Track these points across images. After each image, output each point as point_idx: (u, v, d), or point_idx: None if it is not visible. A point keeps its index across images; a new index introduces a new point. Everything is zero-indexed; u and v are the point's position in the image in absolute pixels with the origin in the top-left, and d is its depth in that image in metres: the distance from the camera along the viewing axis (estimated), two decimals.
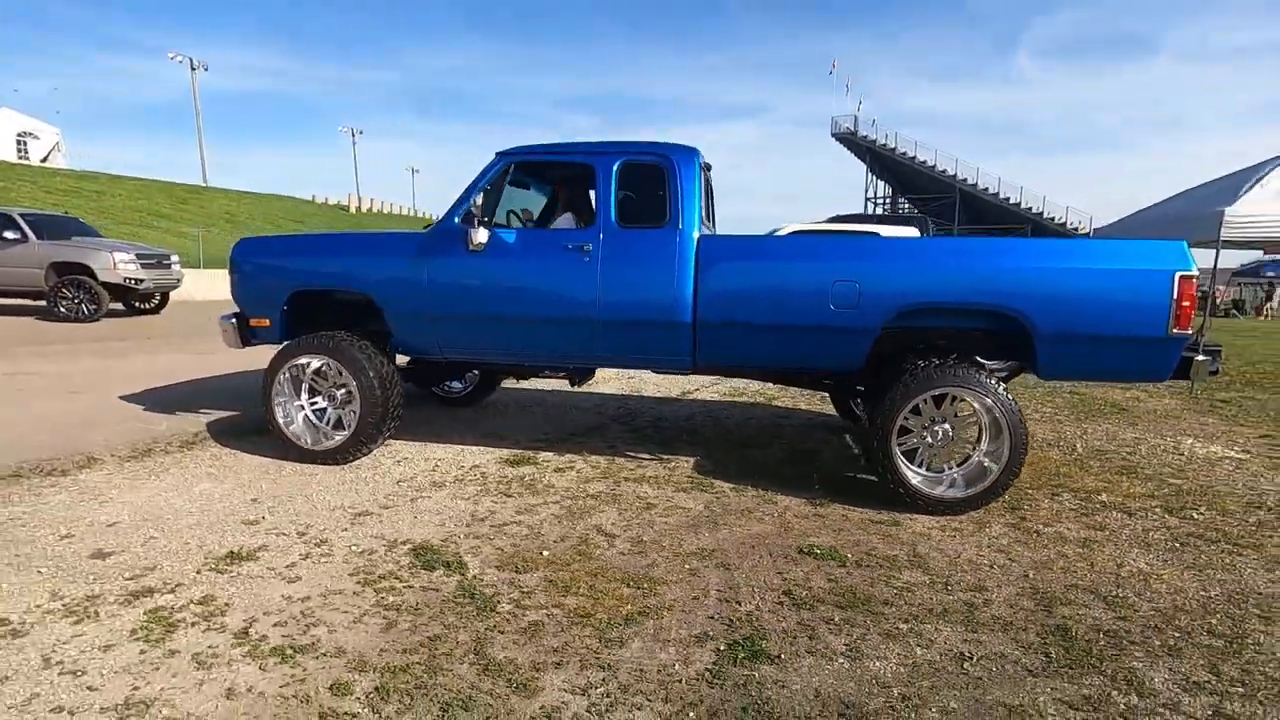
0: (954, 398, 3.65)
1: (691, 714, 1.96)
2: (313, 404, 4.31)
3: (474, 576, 2.78)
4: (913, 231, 9.13)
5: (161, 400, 5.60)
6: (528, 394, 6.62)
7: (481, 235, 3.93)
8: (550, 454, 4.58)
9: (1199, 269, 3.48)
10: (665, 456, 4.60)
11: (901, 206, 54.75)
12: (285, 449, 4.22)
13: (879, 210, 54.58)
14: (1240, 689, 2.14)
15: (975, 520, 3.53)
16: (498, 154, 4.15)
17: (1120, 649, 2.35)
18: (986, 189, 45.58)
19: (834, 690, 2.09)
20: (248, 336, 4.41)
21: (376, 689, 2.03)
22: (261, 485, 3.79)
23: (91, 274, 11.16)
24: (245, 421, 5.07)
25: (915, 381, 3.55)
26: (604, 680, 2.11)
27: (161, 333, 10.39)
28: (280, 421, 4.19)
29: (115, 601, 2.48)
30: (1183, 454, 4.98)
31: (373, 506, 3.53)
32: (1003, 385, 3.56)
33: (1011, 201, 44.72)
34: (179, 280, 12.98)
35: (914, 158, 47.73)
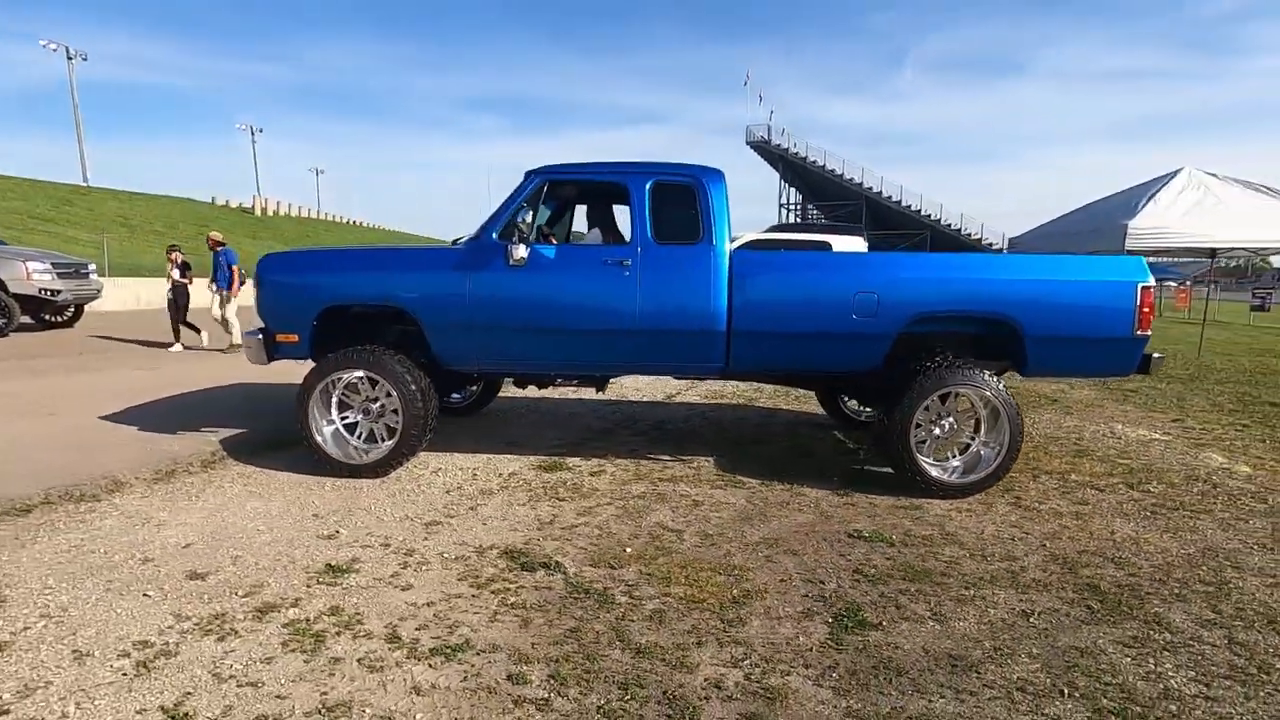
0: (955, 394, 4.13)
1: (834, 674, 2.26)
2: (343, 419, 4.33)
3: (575, 574, 2.98)
4: (859, 242, 9.84)
5: (152, 419, 5.37)
6: (521, 402, 6.74)
7: (522, 251, 4.09)
8: (577, 459, 4.77)
9: None
10: (684, 457, 4.89)
11: (811, 213, 57.29)
12: (322, 464, 4.21)
13: (793, 217, 56.92)
14: (1239, 622, 2.66)
15: (982, 502, 4.02)
16: (531, 172, 4.33)
17: (1140, 599, 2.84)
18: (890, 196, 48.40)
19: (938, 647, 2.44)
20: (273, 352, 4.36)
21: (551, 676, 2.22)
22: (313, 501, 3.80)
23: (2, 286, 10.27)
24: (256, 438, 4.98)
25: (929, 381, 4.01)
26: (745, 654, 2.38)
27: (95, 349, 9.70)
28: (318, 437, 4.18)
29: (246, 618, 2.52)
30: (1119, 437, 5.74)
31: (438, 516, 3.64)
32: (1001, 382, 4.07)
33: (913, 209, 47.69)
34: (98, 291, 12.10)
35: (823, 166, 50.04)
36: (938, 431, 4.16)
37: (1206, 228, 8.58)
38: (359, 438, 4.33)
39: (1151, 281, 4.02)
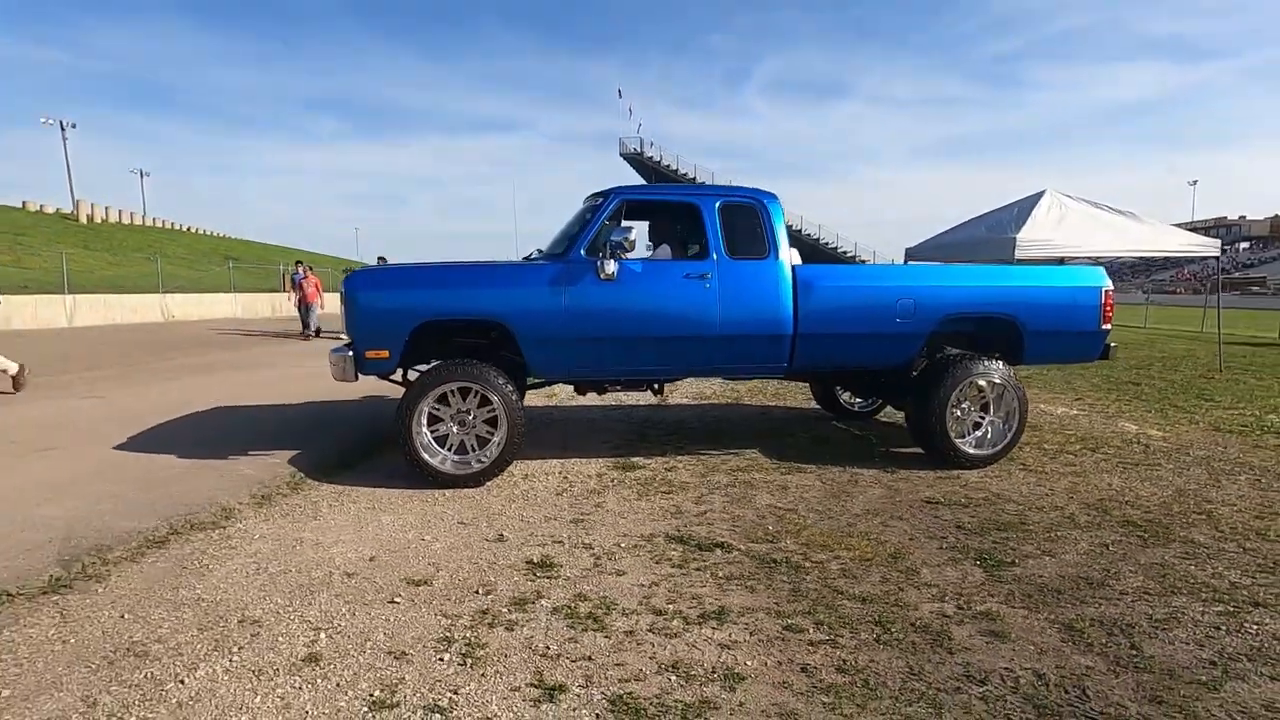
0: (972, 382, 4.98)
1: (1017, 598, 2.89)
2: (433, 430, 4.42)
3: (748, 550, 3.41)
4: (794, 253, 10.83)
5: (184, 443, 5.06)
6: (533, 413, 6.92)
7: (612, 266, 4.44)
8: (640, 458, 5.14)
9: None
10: (731, 451, 5.40)
11: None
12: (425, 476, 4.29)
13: None
14: (1238, 535, 3.61)
15: (1001, 470, 4.88)
16: (611, 192, 4.68)
17: (1167, 528, 3.73)
18: None
19: (1068, 574, 3.14)
20: (360, 369, 4.37)
21: (817, 624, 2.66)
22: (444, 512, 3.92)
23: None
24: (318, 457, 4.90)
25: (959, 371, 4.81)
26: (941, 593, 2.95)
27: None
28: (423, 451, 4.27)
29: (509, 610, 2.74)
30: (1053, 414, 6.96)
31: (573, 515, 3.90)
32: (1010, 369, 4.96)
33: None
34: None
35: (694, 179, 52.37)
36: (958, 413, 4.99)
37: (1077, 239, 10.36)
38: (449, 449, 4.44)
39: (1110, 285, 5.09)
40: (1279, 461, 5.09)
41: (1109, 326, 5.12)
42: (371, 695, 2.16)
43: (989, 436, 5.00)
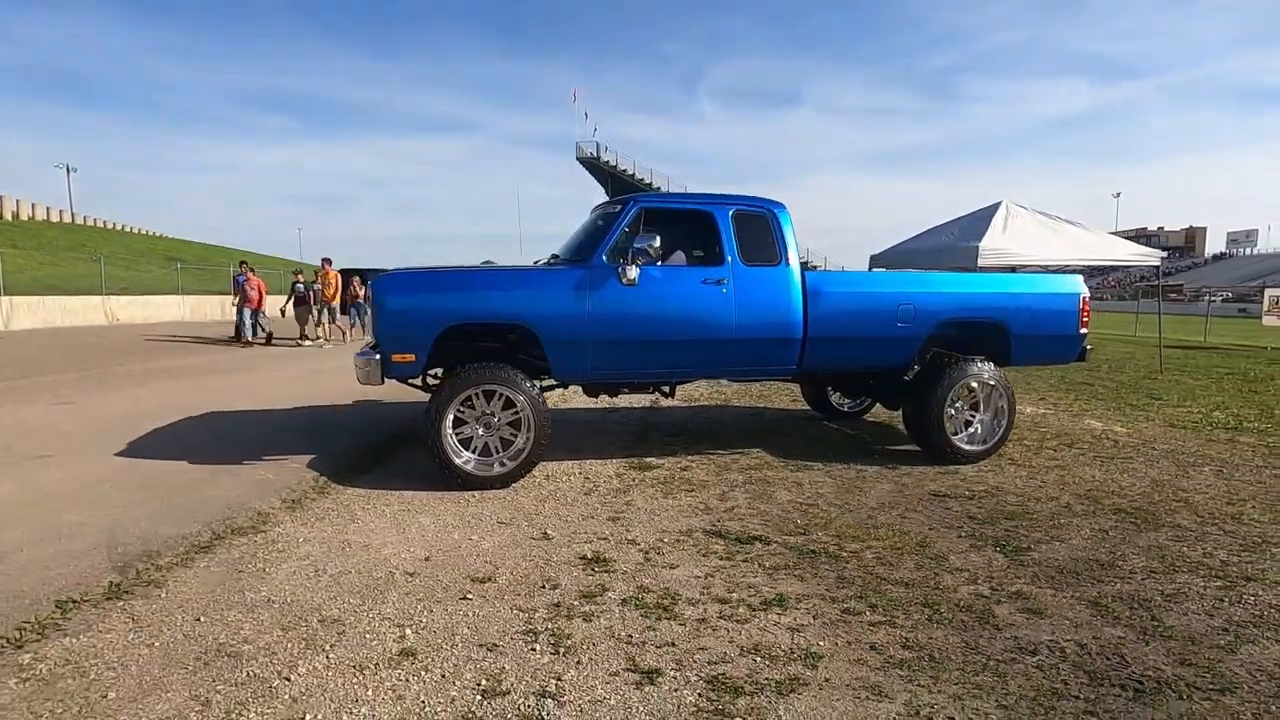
0: (966, 383, 5.30)
1: (1041, 580, 3.15)
2: (458, 433, 4.47)
3: (784, 542, 3.59)
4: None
5: (188, 449, 4.95)
6: None
7: (633, 272, 4.58)
8: (653, 458, 5.29)
9: None
10: (737, 450, 5.59)
11: None
12: (451, 478, 4.34)
13: None
14: (1218, 519, 3.98)
15: (994, 465, 5.21)
16: (630, 200, 4.82)
17: (1154, 514, 4.09)
18: None
19: (1080, 556, 3.43)
20: (387, 372, 4.39)
21: (871, 606, 2.86)
22: (481, 512, 3.99)
23: None
24: (333, 461, 4.88)
25: (956, 373, 5.12)
26: (973, 577, 3.19)
27: None
28: (452, 454, 4.31)
29: (581, 603, 2.85)
30: (1024, 413, 7.40)
31: (608, 513, 4.02)
32: (1000, 371, 5.30)
33: None
34: None
35: (650, 183, 52.79)
36: (952, 412, 5.30)
37: (1033, 248, 10.98)
38: (473, 451, 4.50)
39: (1086, 292, 5.50)
40: (1234, 454, 5.58)
41: (1086, 330, 5.52)
42: (479, 684, 2.25)
43: (979, 433, 5.32)
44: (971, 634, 2.65)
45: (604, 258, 4.64)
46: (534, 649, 2.48)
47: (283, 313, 15.26)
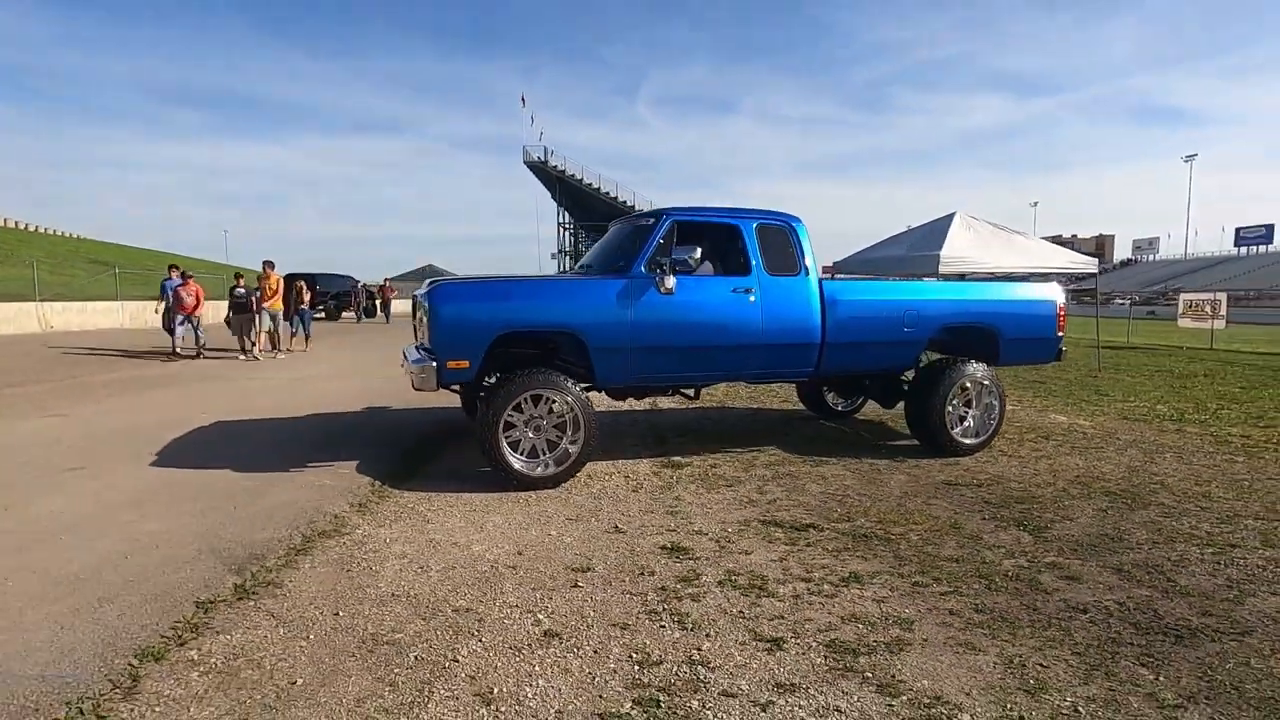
0: (963, 383, 5.81)
1: (1070, 553, 3.60)
2: (506, 437, 4.67)
3: (834, 528, 3.95)
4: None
5: (225, 458, 4.97)
6: None
7: (671, 281, 4.88)
8: (679, 457, 5.59)
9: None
10: (752, 448, 5.95)
11: (583, 231, 60.21)
12: (506, 479, 4.54)
13: (569, 237, 59.34)
14: (1193, 497, 4.56)
15: (988, 457, 5.73)
16: (663, 213, 5.12)
17: (1140, 494, 4.64)
18: None
19: (1092, 532, 3.92)
20: (442, 378, 4.54)
21: (935, 579, 3.24)
22: (545, 510, 4.21)
23: None
24: (378, 466, 4.98)
25: (955, 374, 5.62)
26: (1010, 552, 3.61)
27: None
28: (509, 456, 4.51)
29: (680, 588, 3.12)
30: None
31: (663, 508, 4.30)
32: (993, 371, 5.83)
33: None
34: None
35: (597, 188, 53.06)
36: (949, 409, 5.80)
37: (987, 256, 11.79)
38: (521, 453, 4.70)
39: (1063, 300, 6.11)
40: (1186, 442, 6.28)
41: (1062, 333, 6.13)
42: (630, 657, 2.51)
43: (972, 427, 5.84)
44: (1027, 598, 3.05)
45: (642, 268, 4.92)
46: (662, 626, 2.75)
47: (227, 323, 13.29)
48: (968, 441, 5.72)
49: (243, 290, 13.11)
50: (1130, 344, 18.25)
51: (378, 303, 30.02)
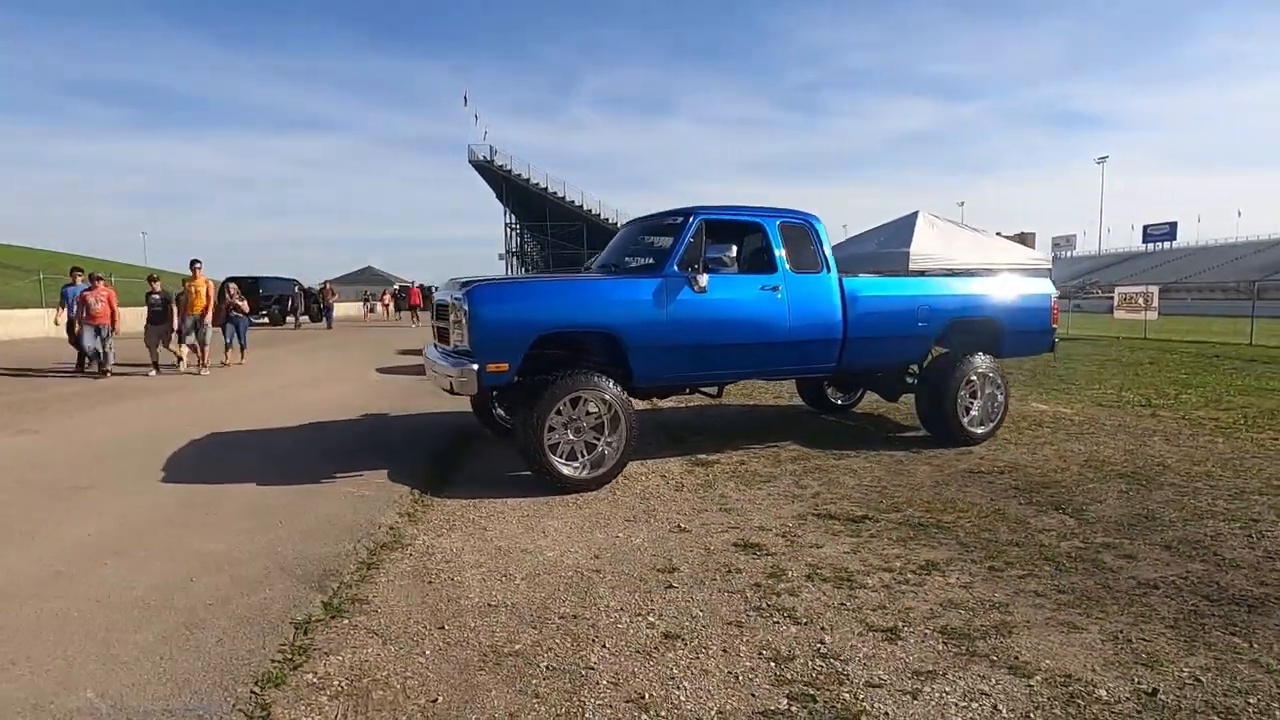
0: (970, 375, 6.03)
1: (1117, 531, 3.79)
2: (547, 439, 4.59)
3: (887, 518, 4.05)
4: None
5: (241, 473, 4.71)
6: None
7: (704, 280, 4.91)
8: (704, 455, 5.62)
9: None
10: (770, 444, 6.03)
11: (527, 232, 59.60)
12: (550, 483, 4.46)
13: (516, 239, 58.61)
14: (1198, 478, 4.86)
15: (996, 445, 5.97)
16: (692, 212, 5.13)
17: (1151, 475, 4.92)
18: (608, 219, 52.87)
19: (1123, 512, 4.13)
20: (482, 381, 4.43)
21: (1008, 564, 3.36)
22: (599, 512, 4.16)
23: None
24: (409, 474, 4.82)
25: (965, 367, 5.83)
26: (1060, 537, 3.78)
27: None
28: (553, 459, 4.43)
29: (771, 585, 3.15)
30: None
31: (716, 506, 4.32)
32: (997, 363, 6.07)
33: None
34: None
35: (545, 188, 52.62)
36: (959, 400, 6.01)
37: (951, 252, 12.28)
38: (560, 455, 4.63)
39: (1057, 293, 6.42)
40: (1164, 426, 6.69)
41: (1056, 325, 6.44)
42: (761, 653, 2.51)
43: (978, 417, 6.07)
44: (1099, 577, 3.21)
45: (675, 267, 4.92)
46: (776, 622, 2.76)
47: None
48: (978, 431, 5.94)
49: (158, 296, 11.19)
50: (1071, 335, 19.27)
51: (319, 306, 28.33)
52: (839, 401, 7.64)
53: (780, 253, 5.30)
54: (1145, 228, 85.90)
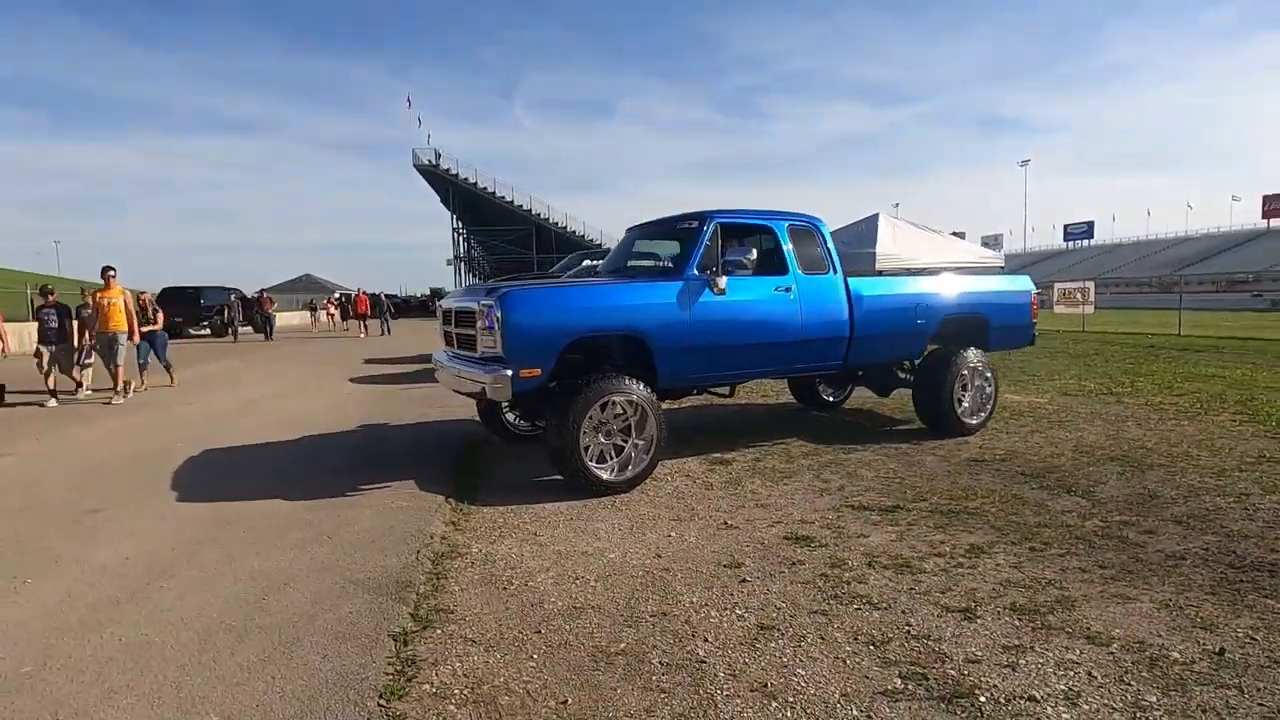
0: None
1: (1125, 511, 4.07)
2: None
3: (917, 506, 4.24)
4: None
5: (257, 489, 4.55)
6: None
7: (723, 282, 5.03)
8: (719, 454, 5.73)
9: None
10: (777, 441, 6.19)
11: (474, 236, 58.79)
12: (585, 486, 4.49)
13: (464, 243, 57.72)
14: (1181, 459, 5.24)
15: (989, 435, 6.28)
16: (707, 216, 5.24)
17: (1138, 460, 5.27)
18: (557, 223, 52.66)
19: (1127, 493, 4.43)
20: (515, 387, 4.42)
21: (1043, 544, 3.57)
22: (644, 513, 4.22)
23: None
24: (437, 483, 4.75)
25: (960, 361, 6.12)
26: (1081, 518, 4.03)
27: None
28: (590, 463, 4.46)
29: (833, 573, 3.27)
30: None
31: (752, 502, 4.43)
32: (986, 356, 6.39)
33: (578, 234, 52.66)
34: None
35: (493, 193, 52.00)
36: (955, 393, 6.30)
37: (914, 253, 12.75)
38: (591, 459, 4.66)
39: (1035, 290, 6.80)
40: (1132, 412, 7.16)
41: (1036, 319, 6.82)
42: (858, 639, 2.62)
43: (969, 408, 6.38)
44: (1129, 553, 3.45)
45: (695, 270, 5.01)
46: (857, 609, 2.88)
47: (38, 355, 9.59)
48: (971, 421, 6.24)
49: (51, 310, 9.41)
50: None
51: (261, 316, 26.65)
52: (830, 398, 7.88)
53: (791, 254, 5.46)
54: (1066, 227, 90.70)
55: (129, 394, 9.46)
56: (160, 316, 10.87)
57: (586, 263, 13.10)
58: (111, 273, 9.51)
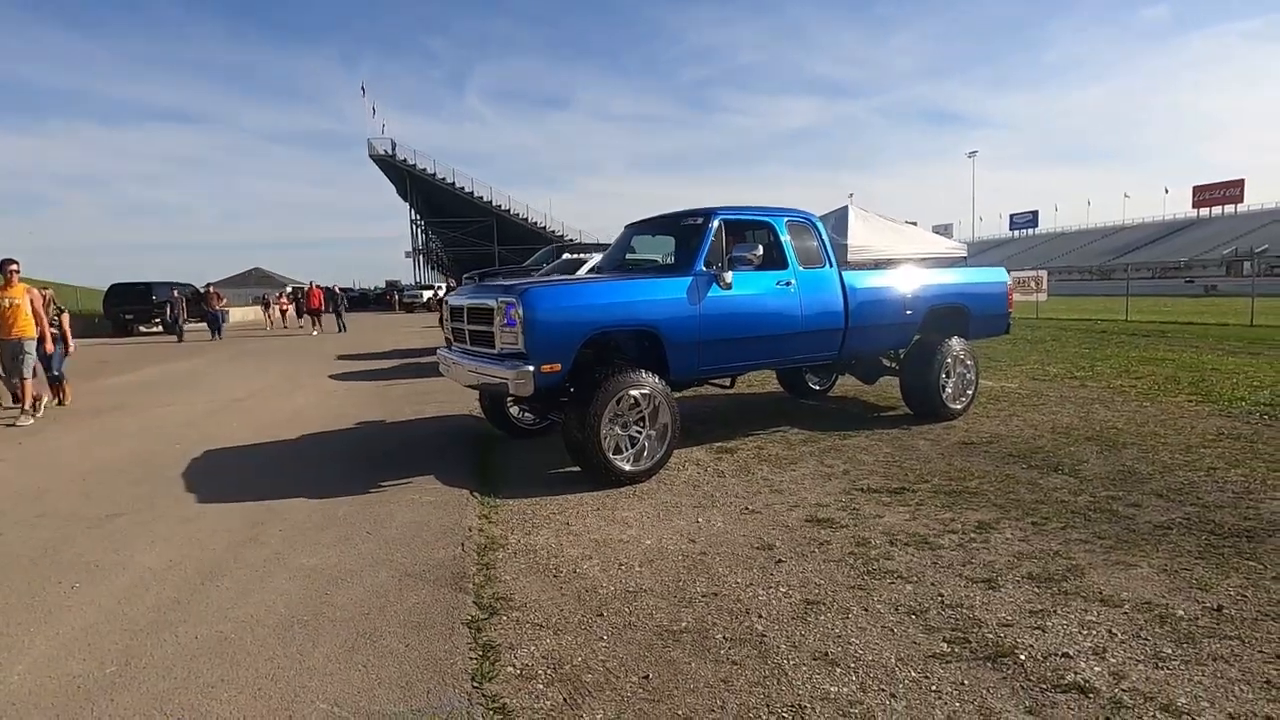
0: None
1: (1111, 486, 4.41)
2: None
3: (921, 489, 4.51)
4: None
5: (270, 488, 4.57)
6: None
7: (729, 277, 5.21)
8: (721, 443, 5.94)
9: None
10: (773, 430, 6.43)
11: (432, 229, 57.86)
12: (604, 477, 4.63)
13: (422, 235, 56.79)
14: (1151, 439, 5.66)
15: (972, 419, 6.62)
16: (712, 213, 5.41)
17: (1111, 440, 5.67)
18: (518, 214, 52.22)
19: (1109, 469, 4.78)
20: (538, 383, 4.52)
21: (1044, 519, 3.87)
22: (665, 500, 4.39)
23: None
24: (457, 479, 4.83)
25: (946, 350, 6.44)
26: (1071, 493, 4.36)
27: None
28: (610, 454, 4.60)
29: (886, 545, 3.50)
30: None
31: (766, 488, 4.64)
32: (969, 344, 6.73)
33: (539, 225, 52.36)
34: None
35: (452, 183, 51.27)
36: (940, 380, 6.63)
37: (883, 244, 13.17)
38: (609, 451, 4.80)
39: (1010, 280, 7.17)
40: (1096, 396, 7.63)
41: (1012, 309, 7.21)
42: (898, 609, 2.85)
43: (952, 394, 6.72)
44: (1122, 524, 3.77)
45: (702, 266, 5.18)
46: (893, 584, 3.11)
47: None
48: (955, 406, 6.59)
49: None
50: None
51: (209, 312, 23.07)
52: (816, 387, 8.16)
53: (790, 249, 5.68)
54: (1011, 216, 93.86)
55: (39, 411, 7.87)
56: (65, 318, 8.83)
57: (566, 256, 13.14)
58: (14, 267, 7.73)
